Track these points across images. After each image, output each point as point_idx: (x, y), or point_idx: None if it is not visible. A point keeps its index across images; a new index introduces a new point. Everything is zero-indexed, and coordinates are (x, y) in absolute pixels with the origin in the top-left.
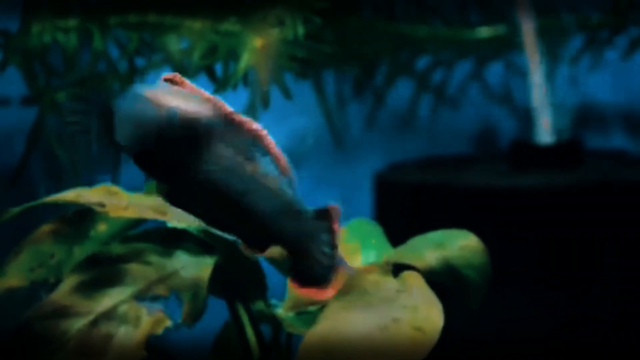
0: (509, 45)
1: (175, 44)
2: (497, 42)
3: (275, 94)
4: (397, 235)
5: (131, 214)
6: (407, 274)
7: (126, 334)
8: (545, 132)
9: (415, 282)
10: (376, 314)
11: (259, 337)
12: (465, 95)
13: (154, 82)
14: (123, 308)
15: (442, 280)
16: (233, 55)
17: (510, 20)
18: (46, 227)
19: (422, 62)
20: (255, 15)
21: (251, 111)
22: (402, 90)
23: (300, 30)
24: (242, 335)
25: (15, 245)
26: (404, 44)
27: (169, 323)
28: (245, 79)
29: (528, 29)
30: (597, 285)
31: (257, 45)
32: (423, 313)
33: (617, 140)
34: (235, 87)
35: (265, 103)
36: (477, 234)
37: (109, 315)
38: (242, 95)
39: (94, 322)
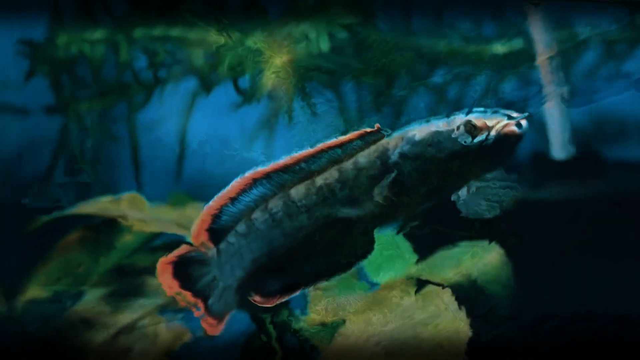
0: (525, 59)
1: (200, 57)
2: (514, 56)
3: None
4: (421, 248)
5: (153, 228)
6: (429, 289)
7: (144, 348)
8: (563, 145)
9: (437, 298)
10: (397, 330)
11: (283, 348)
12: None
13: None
14: (143, 322)
15: (466, 294)
16: (258, 69)
17: (526, 35)
18: (74, 235)
19: (438, 76)
20: (281, 30)
21: (270, 124)
22: (419, 103)
23: (326, 45)
24: (267, 346)
25: (40, 255)
26: (422, 58)
27: (187, 338)
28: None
29: (544, 43)
30: (615, 296)
31: (282, 60)
32: (445, 330)
33: (636, 151)
34: (259, 100)
35: (290, 117)
36: (500, 247)
37: (130, 328)
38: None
39: (116, 335)
